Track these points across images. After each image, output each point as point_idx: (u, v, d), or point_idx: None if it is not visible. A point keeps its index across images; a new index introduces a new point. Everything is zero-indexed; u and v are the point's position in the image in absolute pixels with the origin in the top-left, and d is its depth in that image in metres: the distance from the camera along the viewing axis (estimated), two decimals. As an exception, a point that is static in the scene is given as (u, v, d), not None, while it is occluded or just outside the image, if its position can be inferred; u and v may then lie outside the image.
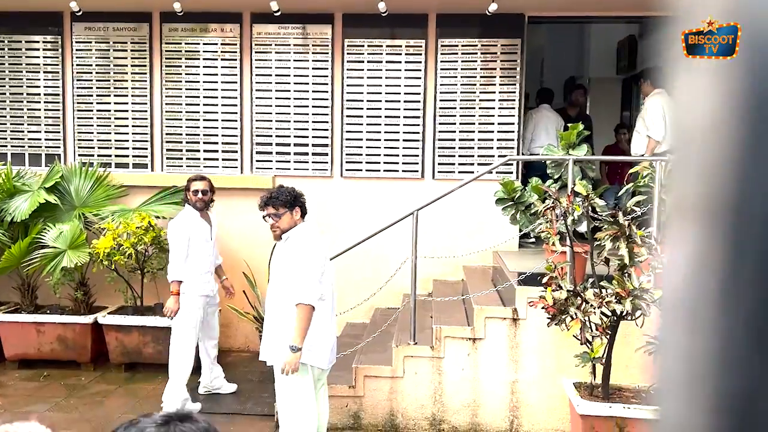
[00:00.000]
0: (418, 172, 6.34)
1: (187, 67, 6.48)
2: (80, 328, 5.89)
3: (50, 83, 6.61)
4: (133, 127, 6.57)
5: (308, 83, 6.38)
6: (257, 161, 6.48)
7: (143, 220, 5.81)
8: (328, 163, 6.41)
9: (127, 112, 6.56)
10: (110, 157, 6.60)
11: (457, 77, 6.26)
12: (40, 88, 6.62)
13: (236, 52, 6.41)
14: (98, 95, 6.57)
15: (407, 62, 6.29)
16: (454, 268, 6.11)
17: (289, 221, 3.82)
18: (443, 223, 6.15)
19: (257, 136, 6.46)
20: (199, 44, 6.45)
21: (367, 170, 6.39)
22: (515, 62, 6.22)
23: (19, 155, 6.68)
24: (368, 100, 6.34)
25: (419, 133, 6.31)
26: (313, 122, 6.40)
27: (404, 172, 6.36)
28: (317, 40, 6.34)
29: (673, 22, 0.42)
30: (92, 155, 6.59)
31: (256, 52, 6.40)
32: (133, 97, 6.54)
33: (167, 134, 6.54)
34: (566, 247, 4.31)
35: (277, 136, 6.45)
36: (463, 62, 6.25)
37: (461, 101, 6.27)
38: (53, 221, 6.04)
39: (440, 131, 6.30)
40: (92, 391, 5.54)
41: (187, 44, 6.46)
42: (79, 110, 6.59)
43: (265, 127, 6.45)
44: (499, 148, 6.27)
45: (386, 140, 6.35)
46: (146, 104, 6.53)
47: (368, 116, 6.35)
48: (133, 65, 6.52)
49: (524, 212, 5.20)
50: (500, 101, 6.25)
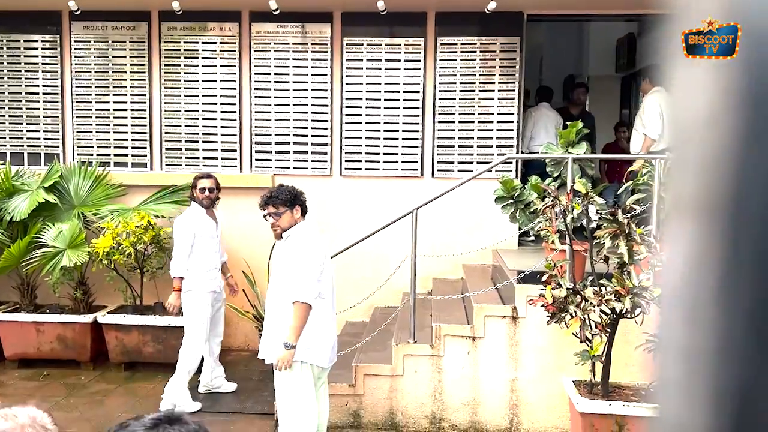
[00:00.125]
0: (417, 170, 6.34)
1: (186, 66, 6.47)
2: (80, 327, 5.89)
3: (49, 82, 6.61)
4: (132, 126, 6.56)
5: (307, 82, 6.38)
6: (256, 160, 6.47)
7: (142, 219, 5.81)
8: (327, 161, 6.41)
9: (126, 111, 6.55)
10: (109, 156, 6.59)
11: (456, 75, 6.26)
12: (38, 87, 6.62)
13: (235, 50, 6.41)
14: (97, 94, 6.57)
15: (406, 61, 6.28)
16: (453, 266, 6.12)
17: (289, 220, 3.84)
18: (443, 221, 6.15)
19: (256, 134, 6.46)
20: (197, 43, 6.44)
21: (366, 169, 6.38)
22: (514, 60, 6.22)
23: (18, 155, 6.67)
24: (367, 98, 6.33)
25: (418, 131, 6.31)
26: (312, 121, 6.40)
27: (403, 170, 6.36)
28: (316, 38, 6.34)
29: (671, 20, 0.42)
30: (91, 154, 6.59)
31: (255, 50, 6.39)
32: (132, 96, 6.54)
33: (166, 133, 6.54)
34: (566, 245, 4.31)
35: (276, 134, 6.45)
36: (462, 60, 6.24)
37: (460, 99, 6.26)
38: (52, 220, 6.03)
39: (439, 129, 6.30)
40: (92, 390, 5.54)
41: (185, 43, 6.45)
42: (78, 109, 6.59)
43: (264, 125, 6.45)
44: (498, 146, 6.27)
45: (385, 139, 6.35)
46: (145, 103, 6.53)
47: (367, 115, 6.34)
48: (131, 64, 6.52)
49: (524, 210, 5.20)
50: (499, 99, 6.25)
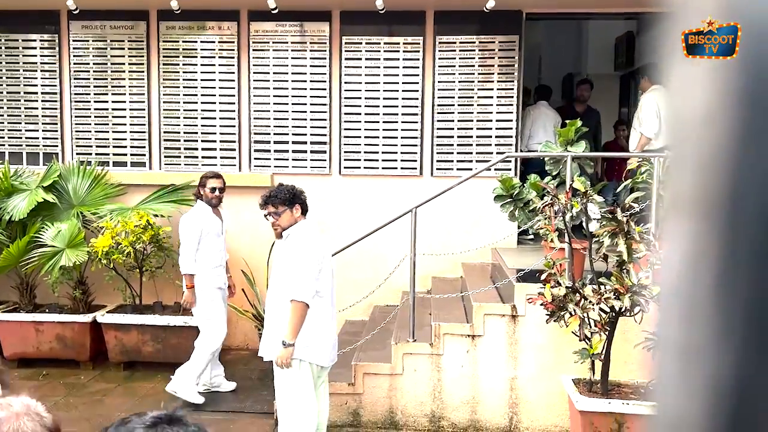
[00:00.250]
0: (416, 169, 6.34)
1: (184, 65, 6.47)
2: (79, 326, 5.89)
3: (47, 82, 6.60)
4: (130, 125, 6.56)
5: (306, 81, 6.37)
6: (255, 159, 6.47)
7: (141, 218, 5.81)
8: (326, 160, 6.41)
9: (124, 110, 6.55)
10: (108, 155, 6.59)
11: (455, 74, 6.25)
12: (37, 86, 6.61)
13: (234, 49, 6.40)
14: (96, 94, 6.56)
15: (405, 59, 6.28)
16: (452, 265, 6.12)
17: (288, 219, 3.84)
18: (442, 220, 6.15)
19: (255, 134, 6.45)
20: (196, 42, 6.44)
21: (365, 168, 6.38)
22: (513, 59, 6.22)
23: (16, 154, 6.67)
24: (366, 97, 6.33)
25: (417, 130, 6.31)
26: (311, 120, 6.40)
27: (403, 169, 6.36)
28: (315, 37, 6.33)
29: (669, 18, 0.42)
30: (90, 154, 6.58)
31: (253, 49, 6.39)
32: (130, 95, 6.53)
33: (165, 132, 6.53)
34: (565, 243, 4.31)
35: (275, 134, 6.44)
36: (461, 59, 6.24)
37: (459, 98, 6.26)
38: (51, 220, 6.03)
39: (438, 128, 6.29)
40: (91, 389, 5.54)
41: (184, 42, 6.45)
42: (76, 109, 6.58)
43: (263, 125, 6.44)
44: (497, 145, 6.27)
45: (384, 137, 6.34)
46: (144, 102, 6.52)
47: (366, 114, 6.34)
48: (130, 63, 6.51)
49: (523, 209, 5.20)
50: (498, 98, 6.25)
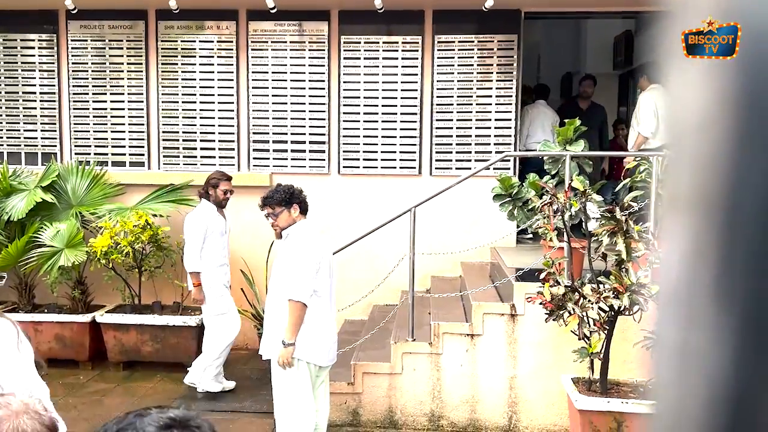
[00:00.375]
0: (415, 168, 6.34)
1: (183, 64, 6.46)
2: (78, 326, 5.89)
3: (46, 82, 6.59)
4: (129, 125, 6.55)
5: (305, 80, 6.37)
6: (254, 159, 6.47)
7: (140, 218, 5.80)
8: (325, 160, 6.40)
9: (123, 110, 6.54)
10: (107, 155, 6.58)
11: (453, 73, 6.25)
12: (35, 86, 6.60)
13: (232, 49, 6.40)
14: (94, 93, 6.55)
15: (404, 59, 6.28)
16: (451, 264, 6.12)
17: (286, 219, 3.85)
18: (441, 219, 6.15)
19: (254, 133, 6.45)
20: (195, 42, 6.43)
21: (364, 167, 6.38)
22: (512, 58, 6.22)
23: (15, 154, 6.66)
24: (365, 96, 6.33)
25: (416, 129, 6.31)
26: (310, 119, 6.39)
27: (402, 168, 6.36)
28: (313, 36, 6.33)
29: (668, 18, 0.42)
30: (89, 154, 6.58)
31: (252, 49, 6.38)
32: (129, 95, 6.53)
33: (164, 132, 6.53)
34: (564, 242, 4.31)
35: (274, 133, 6.44)
36: (459, 58, 6.24)
37: (458, 97, 6.26)
38: (50, 220, 6.02)
39: (437, 127, 6.29)
40: (91, 389, 5.53)
41: (183, 42, 6.44)
42: (75, 108, 6.58)
43: (261, 124, 6.44)
44: (496, 144, 6.27)
45: (383, 137, 6.34)
46: (142, 102, 6.52)
47: (365, 113, 6.34)
48: (129, 63, 6.50)
49: (522, 208, 5.20)
50: (497, 97, 6.24)
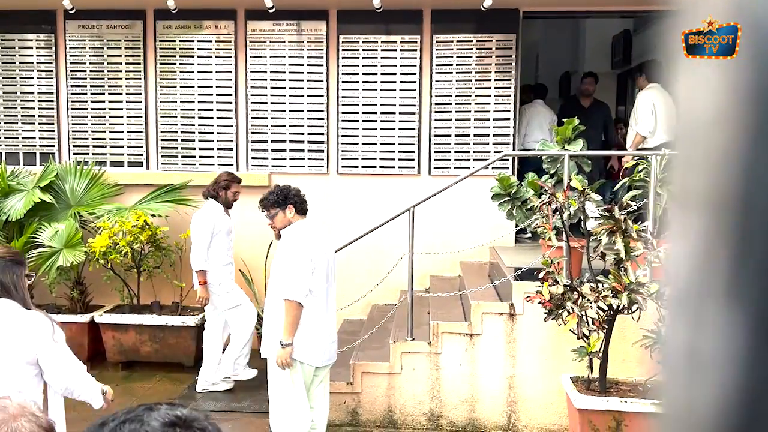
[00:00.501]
0: (414, 168, 6.34)
1: (181, 64, 6.45)
2: (77, 327, 5.88)
3: (44, 82, 6.59)
4: (127, 125, 6.55)
5: (303, 80, 6.37)
6: (253, 159, 6.46)
7: (139, 218, 5.80)
8: (324, 160, 6.40)
9: (121, 110, 6.54)
10: (105, 155, 6.58)
11: (452, 73, 6.25)
12: (33, 86, 6.60)
13: (231, 49, 6.39)
14: (92, 93, 6.55)
15: (402, 58, 6.28)
16: (450, 263, 6.12)
17: (282, 220, 3.88)
18: (440, 219, 6.15)
19: (253, 133, 6.45)
20: (193, 41, 6.43)
21: (363, 167, 6.38)
22: (510, 57, 6.22)
23: (13, 154, 6.65)
24: (364, 96, 6.33)
25: (415, 129, 6.31)
26: (308, 119, 6.39)
27: (400, 168, 6.36)
28: (312, 36, 6.32)
29: (675, 16, 0.42)
30: (87, 154, 6.57)
31: (250, 49, 6.38)
32: (127, 95, 6.52)
33: (162, 132, 6.52)
34: (562, 242, 4.31)
35: (272, 133, 6.43)
36: (458, 58, 6.24)
37: (457, 97, 6.26)
38: (48, 220, 6.02)
39: (436, 127, 6.29)
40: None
41: (181, 41, 6.44)
42: (73, 108, 6.57)
43: (260, 124, 6.44)
44: (494, 143, 6.27)
45: (382, 136, 6.34)
46: (141, 102, 6.51)
47: (364, 113, 6.34)
48: (127, 63, 6.50)
49: (520, 207, 5.20)
50: (496, 97, 6.25)
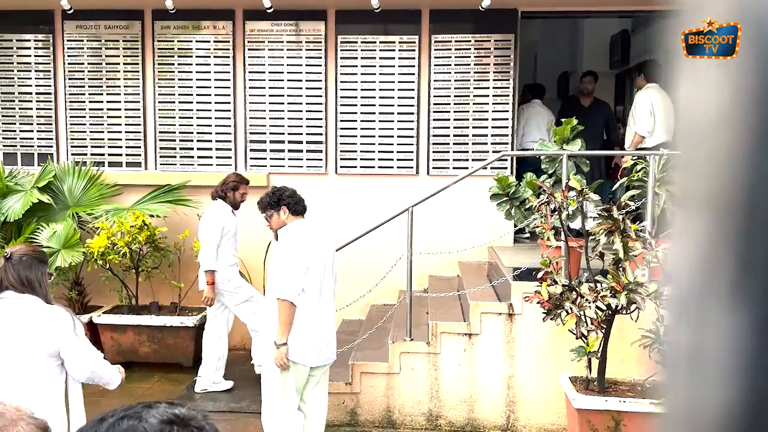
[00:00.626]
0: (412, 168, 6.34)
1: (179, 64, 6.45)
2: (75, 327, 5.87)
3: (42, 82, 6.58)
4: (126, 125, 6.54)
5: (302, 80, 6.36)
6: (251, 159, 6.46)
7: (137, 218, 5.79)
8: (322, 160, 6.40)
9: (119, 110, 6.53)
10: (103, 155, 6.57)
11: (450, 73, 6.25)
12: (31, 87, 6.59)
13: (229, 49, 6.39)
14: (90, 94, 6.54)
15: (401, 58, 6.28)
16: (449, 263, 6.12)
17: (277, 221, 3.92)
18: (438, 219, 6.15)
19: (251, 133, 6.44)
20: (191, 42, 6.42)
21: (361, 167, 6.38)
22: (509, 57, 6.22)
23: (11, 155, 6.64)
24: (362, 96, 6.32)
25: (413, 129, 6.31)
26: (307, 119, 6.39)
27: (399, 168, 6.35)
28: (310, 36, 6.32)
29: (675, 16, 0.41)
30: (85, 154, 6.56)
31: (249, 49, 6.38)
32: (125, 95, 6.51)
33: (160, 132, 6.51)
34: (561, 241, 4.31)
35: (271, 133, 6.43)
36: (456, 58, 6.24)
37: (455, 97, 6.26)
38: (47, 221, 6.01)
39: (434, 127, 6.29)
40: (87, 390, 5.45)
41: (179, 42, 6.43)
42: (71, 109, 6.56)
43: (258, 124, 6.43)
44: (493, 143, 6.27)
45: (380, 137, 6.34)
46: (139, 102, 6.50)
47: (362, 113, 6.34)
48: (125, 63, 6.49)
49: (519, 207, 5.20)
50: (494, 96, 6.25)
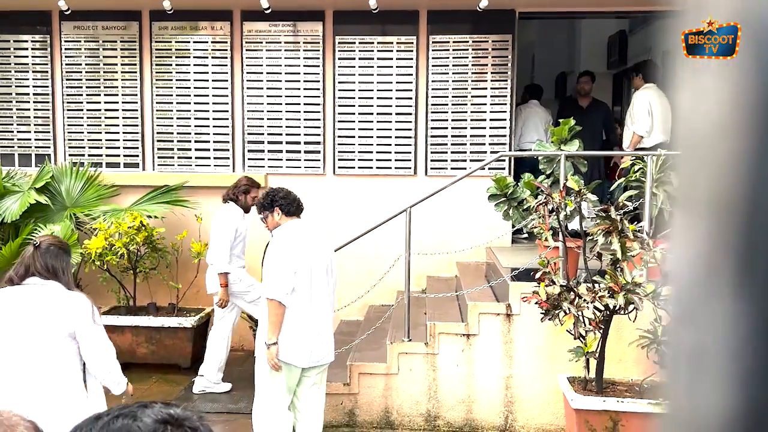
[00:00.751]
0: (410, 169, 6.34)
1: (177, 65, 6.44)
2: (73, 328, 5.86)
3: (39, 83, 6.57)
4: (123, 126, 6.53)
5: (299, 81, 6.36)
6: (249, 160, 6.46)
7: (135, 219, 5.79)
8: (320, 160, 6.40)
9: (117, 111, 6.52)
10: (101, 156, 6.56)
11: (448, 73, 6.26)
12: (29, 87, 6.58)
13: (227, 50, 6.39)
14: (88, 94, 6.53)
15: (398, 59, 6.28)
16: (447, 264, 6.12)
17: (271, 222, 3.95)
18: (436, 219, 6.15)
19: (249, 134, 6.44)
20: (189, 42, 6.42)
21: (359, 168, 6.38)
22: (506, 58, 6.23)
23: (8, 155, 6.63)
24: (360, 97, 6.33)
25: (411, 129, 6.31)
26: (304, 120, 6.39)
27: (397, 169, 6.36)
28: (308, 37, 6.32)
29: (676, 16, 0.42)
30: (83, 155, 6.56)
31: (246, 49, 6.37)
32: (123, 96, 6.51)
33: (158, 133, 6.51)
34: (559, 242, 4.32)
35: (268, 134, 6.43)
36: (454, 58, 6.24)
37: (453, 97, 6.27)
38: (44, 222, 6.00)
39: (432, 128, 6.30)
40: (86, 391, 5.51)
41: (177, 42, 6.43)
42: (69, 110, 6.55)
43: (256, 125, 6.43)
44: (491, 144, 6.28)
45: (378, 137, 6.34)
46: (137, 103, 6.50)
47: (360, 113, 6.34)
48: (122, 64, 6.48)
49: (517, 208, 5.21)
50: (492, 97, 6.25)
